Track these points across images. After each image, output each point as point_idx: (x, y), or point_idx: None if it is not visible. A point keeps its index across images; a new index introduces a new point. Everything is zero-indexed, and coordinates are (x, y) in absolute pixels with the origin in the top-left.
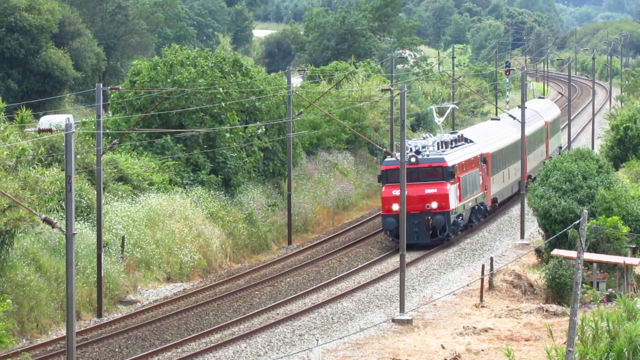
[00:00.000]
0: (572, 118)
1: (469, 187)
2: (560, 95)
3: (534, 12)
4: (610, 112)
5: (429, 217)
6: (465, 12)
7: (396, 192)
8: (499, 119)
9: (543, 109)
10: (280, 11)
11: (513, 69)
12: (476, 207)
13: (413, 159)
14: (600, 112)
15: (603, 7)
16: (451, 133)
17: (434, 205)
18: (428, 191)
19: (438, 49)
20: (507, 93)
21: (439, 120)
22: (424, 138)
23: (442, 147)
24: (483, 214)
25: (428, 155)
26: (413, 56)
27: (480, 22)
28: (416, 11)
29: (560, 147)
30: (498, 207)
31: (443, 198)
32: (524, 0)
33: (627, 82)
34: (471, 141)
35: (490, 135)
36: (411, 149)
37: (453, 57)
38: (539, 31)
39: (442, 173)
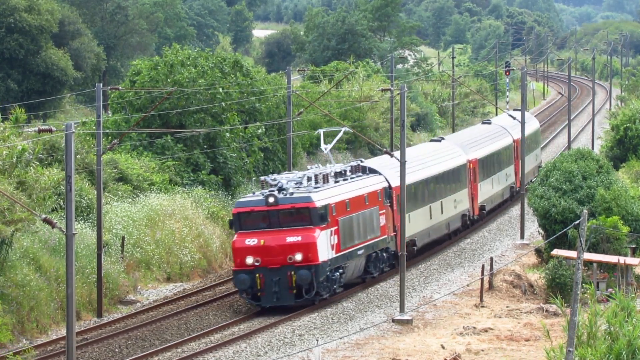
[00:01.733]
0: (572, 118)
1: (358, 231)
2: (560, 95)
3: (534, 12)
4: (611, 111)
5: (292, 273)
6: (465, 12)
7: (252, 241)
8: (438, 141)
9: (512, 125)
10: (280, 11)
11: (513, 69)
12: (375, 254)
13: (271, 199)
14: (600, 112)
15: (603, 7)
16: (361, 161)
17: (298, 257)
18: (290, 239)
19: (438, 49)
20: (507, 93)
21: (325, 147)
22: (309, 169)
23: (317, 182)
24: (389, 262)
25: (292, 194)
26: (413, 56)
27: (480, 22)
28: (416, 11)
29: (540, 166)
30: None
31: (309, 248)
32: (524, 0)
33: (627, 82)
34: (375, 172)
35: (427, 158)
36: (275, 185)
37: (453, 57)
38: (539, 31)
39: (309, 216)
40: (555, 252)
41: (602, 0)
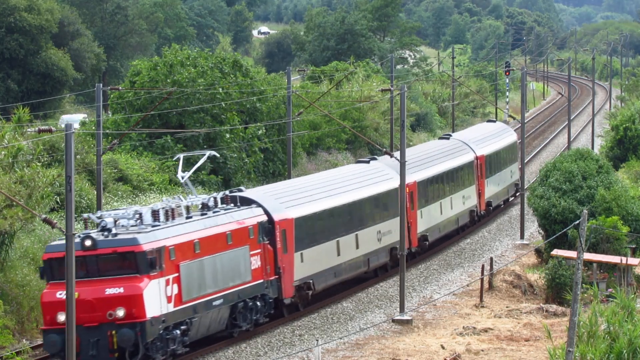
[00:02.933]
0: (572, 118)
1: (215, 277)
2: (560, 96)
3: (533, 12)
4: (611, 111)
5: (112, 332)
6: (465, 12)
7: (64, 294)
8: (367, 162)
9: (477, 138)
10: (280, 11)
11: (513, 69)
12: (244, 303)
13: (88, 242)
14: (600, 112)
15: (603, 7)
16: (239, 190)
17: (120, 312)
18: (110, 291)
19: (438, 49)
20: (507, 93)
21: (182, 175)
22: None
23: (156, 219)
24: (266, 311)
25: (115, 235)
26: (413, 56)
27: (480, 22)
28: (416, 11)
29: (517, 185)
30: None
31: (134, 301)
32: (524, 0)
33: (627, 82)
34: (252, 203)
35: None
36: (99, 223)
37: (453, 58)
38: (539, 31)
39: (134, 262)
40: (555, 252)
41: (602, 0)
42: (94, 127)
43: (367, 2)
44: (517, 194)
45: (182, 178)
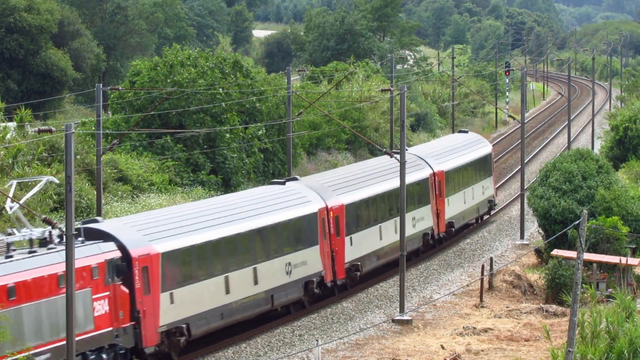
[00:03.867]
0: (571, 118)
1: (38, 328)
2: (560, 96)
3: (533, 12)
4: (610, 111)
5: None
6: (465, 13)
7: None
8: (291, 180)
9: (436, 153)
10: (280, 11)
11: (513, 69)
12: (83, 356)
13: None
14: (600, 112)
15: (603, 7)
16: (95, 221)
17: None
18: None
19: (438, 49)
20: (507, 93)
21: (11, 205)
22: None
23: None
24: None
25: None
26: (413, 56)
27: (480, 22)
28: (416, 11)
29: (491, 202)
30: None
31: None
32: (524, 0)
33: (627, 82)
34: (106, 236)
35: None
36: None
37: (453, 58)
38: (539, 31)
39: None
40: (555, 252)
41: (602, 1)
42: (94, 127)
43: (367, 2)
44: (492, 212)
45: (11, 209)
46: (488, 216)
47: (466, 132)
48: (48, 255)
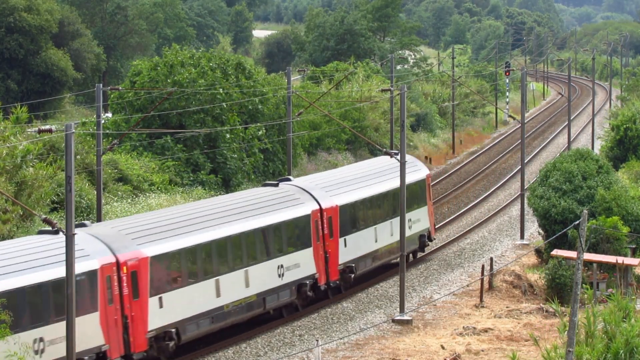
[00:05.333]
0: (572, 118)
1: None
2: (560, 96)
3: (533, 12)
4: (611, 111)
5: None
6: (465, 13)
7: None
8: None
9: (332, 183)
10: (280, 11)
11: (513, 70)
12: None
13: None
14: (600, 112)
15: (603, 7)
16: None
17: None
18: None
19: (438, 49)
20: (507, 93)
21: None
22: None
23: None
24: None
25: None
26: (413, 56)
27: (480, 22)
28: (416, 11)
29: (424, 237)
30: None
31: None
32: (524, 0)
33: (627, 82)
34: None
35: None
36: None
37: (453, 58)
38: (539, 31)
39: None
40: (555, 252)
41: (602, 1)
42: (94, 127)
43: (367, 2)
44: (426, 248)
45: None
46: (422, 253)
47: (397, 153)
48: None
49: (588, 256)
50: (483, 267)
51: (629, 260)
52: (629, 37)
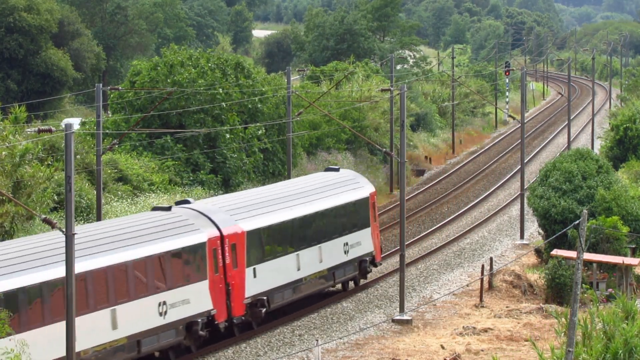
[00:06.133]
0: (571, 118)
1: None
2: (560, 95)
3: (533, 12)
4: (611, 111)
5: None
6: (465, 12)
7: None
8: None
9: (241, 205)
10: (280, 11)
11: (513, 69)
12: None
13: None
14: (600, 112)
15: (603, 7)
16: None
17: None
18: None
19: (438, 49)
20: (507, 93)
21: None
22: None
23: None
24: None
25: None
26: (413, 56)
27: (480, 22)
28: (416, 11)
29: (365, 262)
30: None
31: None
32: (524, 0)
33: (627, 82)
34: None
35: None
36: None
37: (453, 57)
38: (539, 31)
39: None
40: (555, 252)
41: (602, 0)
42: (94, 127)
43: (367, 2)
44: (368, 274)
45: None
46: (365, 280)
47: (336, 169)
48: None
49: (588, 256)
50: (483, 267)
51: (629, 260)
52: (629, 37)
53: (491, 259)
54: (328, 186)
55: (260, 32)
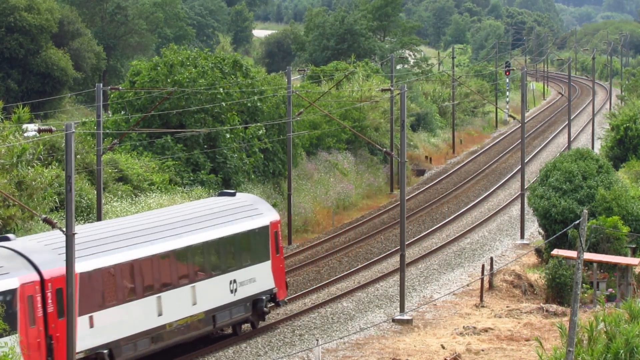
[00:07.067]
0: (572, 118)
1: None
2: (560, 95)
3: (533, 12)
4: (611, 111)
5: None
6: (465, 12)
7: None
8: None
9: (92, 239)
10: (281, 11)
11: (513, 69)
12: None
13: None
14: (600, 112)
15: (603, 7)
16: None
17: None
18: None
19: (438, 49)
20: (507, 93)
21: None
22: None
23: None
24: None
25: None
26: (413, 56)
27: (480, 22)
28: (416, 11)
29: (262, 301)
30: None
31: None
32: (524, 0)
33: (627, 82)
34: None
35: None
36: None
37: (453, 57)
38: (539, 31)
39: None
40: (555, 252)
41: (602, 0)
42: (94, 127)
43: (367, 2)
44: (267, 314)
45: None
46: (263, 322)
47: (232, 194)
48: None
49: (588, 256)
50: (483, 266)
51: (629, 260)
52: (629, 37)
53: (491, 258)
54: (216, 214)
55: (260, 32)
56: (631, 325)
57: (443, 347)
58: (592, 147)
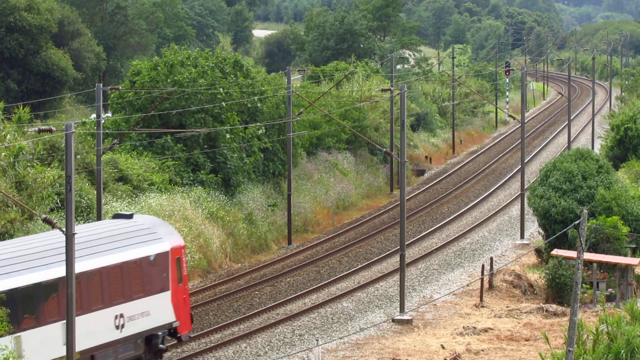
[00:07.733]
0: (572, 118)
1: None
2: (560, 95)
3: (533, 12)
4: (611, 111)
5: None
6: (465, 12)
7: None
8: None
9: None
10: (281, 11)
11: (513, 69)
12: None
13: None
14: (600, 112)
15: (603, 7)
16: None
17: None
18: None
19: (438, 49)
20: (507, 93)
21: None
22: None
23: None
24: None
25: None
26: (413, 56)
27: (480, 22)
28: (416, 11)
29: (157, 337)
30: None
31: None
32: (524, 0)
33: (627, 82)
34: None
35: None
36: None
37: (453, 57)
38: (539, 31)
39: None
40: (555, 252)
41: (602, 0)
42: (94, 127)
43: (367, 2)
44: (165, 351)
45: None
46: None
47: (129, 216)
48: None
49: (588, 256)
50: (483, 266)
51: (629, 260)
52: (629, 37)
53: (491, 258)
54: (103, 239)
55: (260, 32)
56: (632, 326)
57: (443, 347)
58: (592, 147)
